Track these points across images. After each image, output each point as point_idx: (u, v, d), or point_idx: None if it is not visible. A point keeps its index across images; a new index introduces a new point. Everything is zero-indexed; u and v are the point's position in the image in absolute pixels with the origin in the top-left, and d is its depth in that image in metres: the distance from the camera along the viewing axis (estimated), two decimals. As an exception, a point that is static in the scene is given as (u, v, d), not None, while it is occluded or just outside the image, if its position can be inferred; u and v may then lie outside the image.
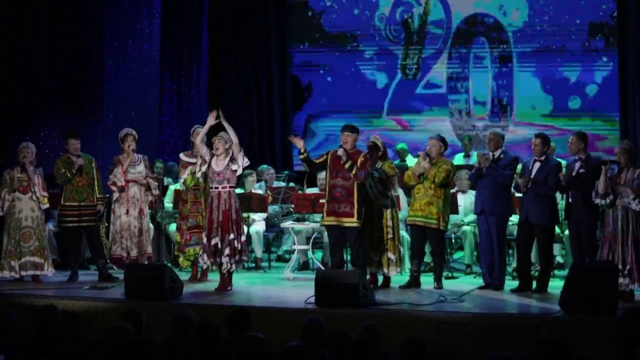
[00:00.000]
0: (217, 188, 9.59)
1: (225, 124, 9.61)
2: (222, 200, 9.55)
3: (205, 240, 9.55)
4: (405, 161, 13.19)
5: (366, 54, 15.44)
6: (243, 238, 9.73)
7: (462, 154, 13.76)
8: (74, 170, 10.26)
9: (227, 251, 9.47)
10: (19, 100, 12.31)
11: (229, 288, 9.60)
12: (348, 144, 9.63)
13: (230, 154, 9.62)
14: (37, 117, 12.25)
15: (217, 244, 9.47)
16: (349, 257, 10.09)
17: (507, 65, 14.95)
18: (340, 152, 9.56)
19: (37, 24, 12.35)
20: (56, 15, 12.35)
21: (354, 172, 9.45)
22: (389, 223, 9.73)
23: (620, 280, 8.52)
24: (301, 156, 9.75)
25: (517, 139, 14.33)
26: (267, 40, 15.42)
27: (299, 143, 9.70)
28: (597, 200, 8.92)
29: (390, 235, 9.72)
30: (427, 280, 9.85)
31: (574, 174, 9.32)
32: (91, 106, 12.38)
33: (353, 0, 15.46)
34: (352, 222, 9.50)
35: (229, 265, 9.51)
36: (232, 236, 9.50)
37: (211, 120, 9.72)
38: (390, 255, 9.70)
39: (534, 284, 9.50)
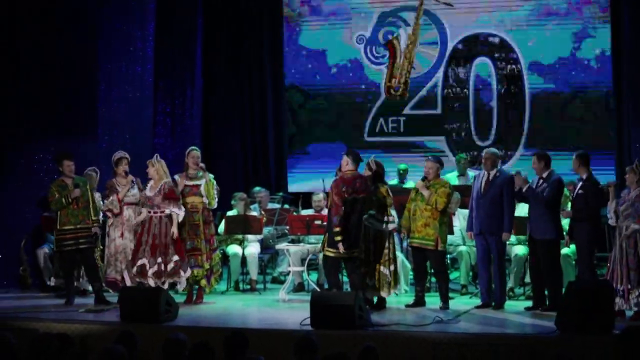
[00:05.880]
0: (149, 213, 10.00)
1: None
2: (153, 224, 9.92)
3: (130, 259, 10.05)
4: (404, 182, 13.07)
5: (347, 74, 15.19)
6: (175, 257, 9.88)
7: (456, 173, 13.14)
8: (69, 199, 10.23)
9: (151, 272, 9.81)
10: (10, 119, 12.19)
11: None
12: (348, 165, 9.62)
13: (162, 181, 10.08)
14: (29, 139, 12.14)
15: (144, 264, 9.82)
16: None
17: (515, 84, 14.46)
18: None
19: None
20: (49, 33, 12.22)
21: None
22: (385, 244, 9.72)
23: (617, 300, 8.60)
24: None
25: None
26: (261, 61, 15.41)
27: None
28: (611, 221, 9.12)
29: (386, 258, 9.71)
30: (429, 301, 9.90)
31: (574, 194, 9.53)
32: (85, 128, 12.30)
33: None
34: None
35: (153, 284, 9.78)
36: (160, 259, 9.81)
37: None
38: (385, 275, 9.69)
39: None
